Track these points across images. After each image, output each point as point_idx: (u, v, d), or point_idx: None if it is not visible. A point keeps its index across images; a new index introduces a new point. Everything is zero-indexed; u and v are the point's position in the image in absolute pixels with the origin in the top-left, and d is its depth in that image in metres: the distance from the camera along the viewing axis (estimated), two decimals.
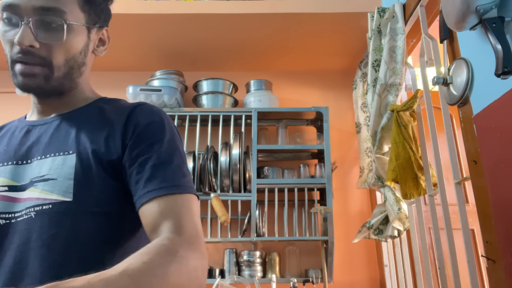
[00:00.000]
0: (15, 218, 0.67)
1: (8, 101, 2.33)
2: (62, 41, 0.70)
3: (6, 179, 0.70)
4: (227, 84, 2.16)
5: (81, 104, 0.79)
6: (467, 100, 1.14)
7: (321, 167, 1.99)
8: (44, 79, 0.71)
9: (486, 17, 0.93)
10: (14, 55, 0.70)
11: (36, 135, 0.75)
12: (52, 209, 0.66)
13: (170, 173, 0.68)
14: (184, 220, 0.64)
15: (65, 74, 0.73)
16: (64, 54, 0.72)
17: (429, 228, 1.71)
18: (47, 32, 0.69)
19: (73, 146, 0.70)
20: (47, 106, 0.79)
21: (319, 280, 1.87)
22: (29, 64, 0.69)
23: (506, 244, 0.96)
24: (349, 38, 2.07)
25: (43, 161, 0.70)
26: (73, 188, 0.67)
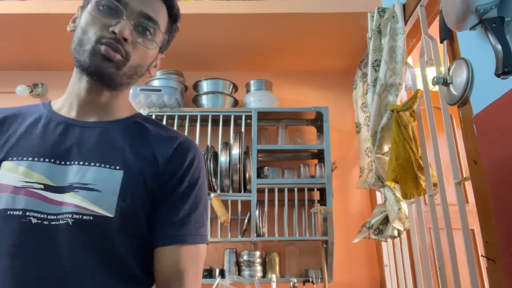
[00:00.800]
0: (48, 220, 0.66)
1: (8, 101, 2.33)
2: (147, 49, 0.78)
3: (42, 177, 0.69)
4: (227, 84, 2.16)
5: (121, 114, 0.82)
6: (467, 100, 1.14)
7: (321, 167, 1.99)
8: (116, 68, 0.74)
9: (486, 17, 0.93)
10: (102, 38, 0.72)
11: (76, 137, 0.74)
12: (93, 221, 0.66)
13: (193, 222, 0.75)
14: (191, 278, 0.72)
15: (130, 75, 0.78)
16: (140, 59, 0.78)
17: (429, 228, 1.71)
18: (140, 35, 0.77)
19: (120, 162, 0.72)
20: (91, 105, 0.78)
21: (319, 280, 1.87)
22: (115, 51, 0.73)
23: (506, 244, 0.96)
24: (349, 38, 2.07)
25: (86, 168, 0.70)
26: (117, 204, 0.68)
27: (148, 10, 0.77)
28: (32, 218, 0.65)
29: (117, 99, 0.81)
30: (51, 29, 1.99)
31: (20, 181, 0.67)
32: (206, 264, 2.02)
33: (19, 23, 1.96)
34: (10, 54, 2.23)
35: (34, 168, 0.69)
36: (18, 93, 2.25)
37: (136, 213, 0.71)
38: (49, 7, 1.88)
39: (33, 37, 2.07)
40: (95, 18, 0.74)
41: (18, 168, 0.69)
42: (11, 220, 0.65)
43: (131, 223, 0.70)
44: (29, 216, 0.65)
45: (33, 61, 2.31)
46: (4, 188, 0.67)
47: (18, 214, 0.65)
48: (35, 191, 0.67)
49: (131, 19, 0.74)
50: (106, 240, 0.67)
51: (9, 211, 0.65)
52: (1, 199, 0.66)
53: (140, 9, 0.75)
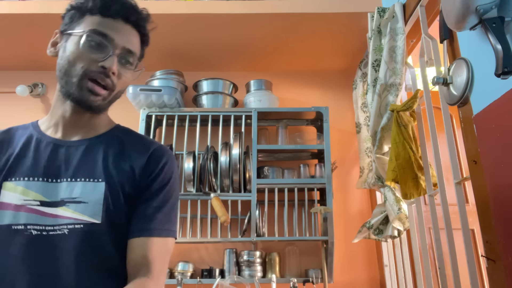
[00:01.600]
0: (46, 231, 0.77)
1: (8, 101, 2.33)
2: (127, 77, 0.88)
3: (38, 194, 0.80)
4: (227, 84, 2.16)
5: (102, 129, 0.91)
6: (467, 100, 1.14)
7: (321, 167, 1.99)
8: (102, 100, 0.84)
9: (486, 17, 0.93)
10: (91, 73, 0.81)
11: (64, 156, 0.85)
12: (83, 228, 0.79)
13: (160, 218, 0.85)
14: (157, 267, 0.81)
15: (112, 100, 0.88)
16: (121, 86, 0.87)
17: (429, 228, 1.71)
18: (123, 66, 0.86)
19: (102, 175, 0.83)
20: (75, 125, 0.88)
21: (319, 280, 1.87)
22: (101, 85, 0.82)
23: (506, 244, 0.96)
24: (349, 38, 2.07)
25: (74, 184, 0.82)
26: (102, 212, 0.80)
27: (129, 45, 0.86)
28: (32, 230, 0.77)
29: (99, 118, 0.91)
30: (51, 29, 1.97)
31: (20, 199, 0.79)
32: (206, 264, 2.02)
33: (19, 23, 1.96)
34: (10, 54, 2.23)
35: (30, 187, 0.80)
36: (18, 93, 2.25)
37: (118, 216, 0.82)
38: (49, 7, 1.88)
39: (33, 37, 2.06)
40: (83, 53, 0.81)
41: (17, 187, 0.80)
42: (15, 234, 0.77)
43: (115, 224, 0.81)
44: (30, 229, 0.77)
45: (33, 61, 2.31)
46: (7, 206, 0.79)
47: (21, 228, 0.77)
48: (33, 207, 0.79)
49: (116, 54, 0.83)
50: (97, 241, 0.79)
51: (14, 226, 0.77)
52: (6, 216, 0.78)
53: (123, 45, 0.84)
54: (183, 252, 2.04)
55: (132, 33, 0.88)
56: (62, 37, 0.87)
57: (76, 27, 0.85)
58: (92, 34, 0.82)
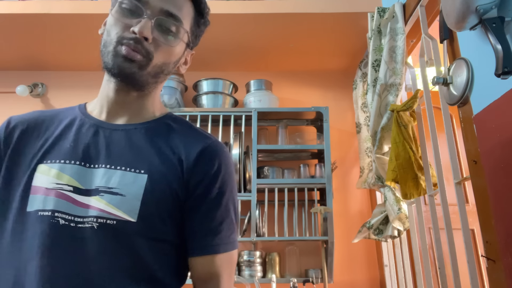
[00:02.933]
0: (74, 222, 0.67)
1: (8, 101, 2.33)
2: (170, 46, 0.77)
3: (72, 179, 0.70)
4: (227, 84, 2.15)
5: (150, 115, 0.81)
6: (467, 100, 1.14)
7: (321, 167, 1.99)
8: (138, 68, 0.74)
9: (486, 17, 0.93)
10: (123, 39, 0.73)
11: (105, 140, 0.75)
12: (116, 225, 0.67)
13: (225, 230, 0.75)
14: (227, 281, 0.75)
15: (155, 74, 0.77)
16: (164, 57, 0.77)
17: (429, 228, 1.71)
18: (162, 33, 0.75)
19: (145, 166, 0.72)
20: (120, 106, 0.79)
21: (319, 280, 1.87)
22: (135, 51, 0.72)
23: (506, 244, 0.96)
24: (349, 38, 2.07)
25: (112, 172, 0.71)
26: (139, 209, 0.69)
27: (170, 7, 0.75)
28: (60, 219, 0.67)
29: (146, 99, 0.81)
30: (51, 29, 1.99)
31: (52, 183, 0.70)
32: None
33: (19, 23, 1.96)
34: (10, 54, 2.23)
35: (65, 170, 0.71)
36: (18, 93, 2.25)
37: (160, 218, 0.71)
38: (49, 7, 1.88)
39: (33, 37, 2.06)
40: (117, 19, 0.74)
41: (51, 170, 0.71)
42: (41, 221, 0.67)
43: (154, 227, 0.70)
44: (57, 217, 0.67)
45: (33, 61, 2.31)
46: (38, 190, 0.70)
47: (48, 214, 0.67)
48: (64, 193, 0.69)
49: (151, 17, 0.74)
50: (128, 243, 0.68)
51: (40, 211, 0.67)
52: (35, 201, 0.69)
53: (161, 7, 0.75)
54: None
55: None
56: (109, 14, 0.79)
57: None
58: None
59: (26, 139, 0.76)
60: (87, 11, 1.89)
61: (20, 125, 0.78)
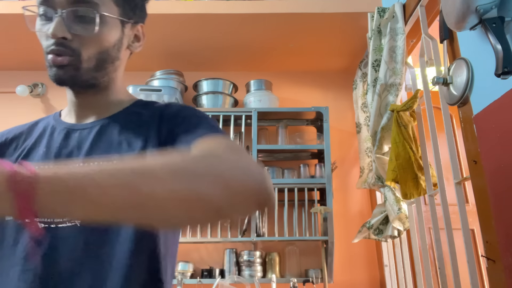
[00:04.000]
0: (54, 223, 0.67)
1: (8, 101, 2.33)
2: (93, 33, 0.70)
3: None
4: (227, 84, 2.16)
5: (118, 107, 0.79)
6: (467, 100, 1.14)
7: (321, 167, 1.99)
8: (74, 70, 0.71)
9: (486, 17, 0.93)
10: (47, 48, 0.71)
11: (76, 140, 0.75)
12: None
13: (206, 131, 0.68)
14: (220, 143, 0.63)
15: (97, 66, 0.73)
16: (96, 47, 0.72)
17: (429, 228, 1.71)
18: (79, 24, 0.70)
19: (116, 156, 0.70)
20: (85, 107, 0.78)
21: (319, 280, 1.87)
22: (60, 55, 0.70)
23: (506, 244, 0.96)
24: (349, 38, 2.07)
25: None
26: None
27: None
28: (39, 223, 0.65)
29: (106, 93, 0.79)
30: None
31: None
32: (206, 264, 2.02)
33: (19, 23, 1.96)
34: (10, 54, 2.23)
35: None
36: (18, 93, 2.25)
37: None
38: None
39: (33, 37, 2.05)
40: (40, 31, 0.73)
41: None
42: (21, 228, 0.67)
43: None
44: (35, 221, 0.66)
45: (33, 61, 2.31)
46: None
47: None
48: None
49: (61, 13, 0.69)
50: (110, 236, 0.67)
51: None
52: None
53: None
54: (183, 252, 2.04)
55: None
56: None
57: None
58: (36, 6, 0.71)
59: (4, 152, 0.77)
60: None
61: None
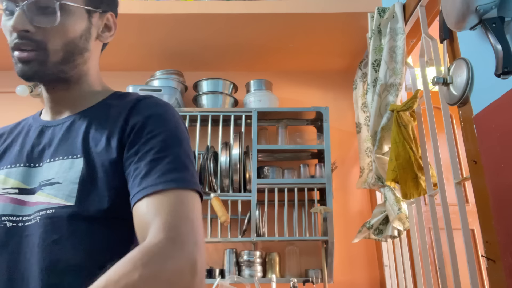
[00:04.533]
0: (22, 222, 0.66)
1: (8, 101, 2.33)
2: (55, 24, 0.68)
3: (17, 181, 0.69)
4: (227, 84, 2.16)
5: (92, 100, 0.76)
6: (467, 100, 1.14)
7: (321, 167, 1.99)
8: (39, 64, 0.69)
9: (486, 17, 0.93)
10: (11, 42, 0.69)
11: (48, 137, 0.73)
12: (55, 213, 0.64)
13: (168, 166, 0.63)
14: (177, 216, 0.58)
15: (64, 59, 0.71)
16: (61, 38, 0.69)
17: (429, 228, 1.71)
18: (42, 15, 0.68)
19: (80, 149, 0.68)
20: (58, 103, 0.77)
21: (319, 280, 1.87)
22: (25, 50, 0.68)
23: (506, 244, 0.96)
24: (349, 38, 2.07)
25: (52, 164, 0.69)
26: (77, 192, 0.65)
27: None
28: (7, 222, 0.66)
29: (78, 87, 0.76)
30: None
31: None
32: (206, 264, 2.01)
33: None
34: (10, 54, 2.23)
35: (11, 174, 0.70)
36: (18, 93, 2.24)
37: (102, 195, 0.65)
38: None
39: None
40: (4, 27, 0.71)
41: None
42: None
43: (94, 208, 0.64)
44: (4, 221, 0.66)
45: None
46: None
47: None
48: (9, 196, 0.68)
49: (22, 5, 0.67)
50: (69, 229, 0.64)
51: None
52: None
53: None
54: None
55: None
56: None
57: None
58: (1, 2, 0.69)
59: None
60: None
61: None
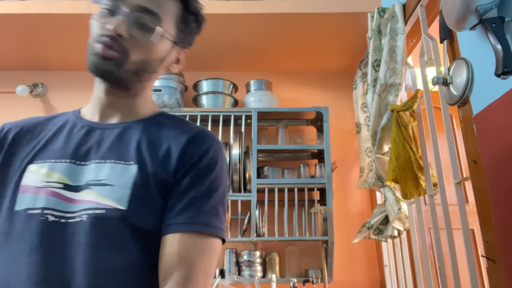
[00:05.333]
0: (65, 218, 0.67)
1: (8, 101, 2.33)
2: (148, 41, 0.74)
3: (62, 176, 0.70)
4: (227, 84, 2.16)
5: (142, 114, 0.81)
6: (467, 100, 1.14)
7: (321, 167, 1.99)
8: (115, 65, 0.73)
9: (486, 17, 0.93)
10: (99, 37, 0.73)
11: (96, 138, 0.76)
12: (106, 214, 0.66)
13: (206, 209, 0.70)
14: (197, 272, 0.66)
15: (135, 71, 0.75)
16: (143, 54, 0.75)
17: (429, 228, 1.71)
18: (139, 29, 0.74)
19: (134, 157, 0.72)
20: (111, 107, 0.79)
21: (319, 280, 1.87)
22: (110, 48, 0.72)
23: (506, 244, 0.96)
24: (349, 38, 2.07)
25: (102, 166, 0.71)
26: (129, 197, 0.68)
27: (147, 3, 0.74)
28: (49, 216, 0.66)
29: (135, 99, 0.80)
30: (51, 29, 1.99)
31: (41, 181, 0.70)
32: None
33: (19, 23, 1.96)
34: (10, 54, 2.23)
35: (55, 168, 0.71)
36: (18, 93, 2.25)
37: (147, 206, 0.69)
38: (49, 7, 1.88)
39: (33, 37, 2.06)
40: (98, 19, 0.74)
41: (41, 169, 0.71)
42: (30, 219, 0.67)
43: (142, 215, 0.68)
44: (46, 214, 0.67)
45: (33, 61, 2.31)
46: (27, 189, 0.70)
47: (37, 212, 0.67)
48: (54, 190, 0.69)
49: (126, 13, 0.72)
50: (118, 232, 0.67)
51: (29, 210, 0.67)
52: (24, 200, 0.69)
53: (137, 3, 0.73)
54: None
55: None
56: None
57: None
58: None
59: (18, 141, 0.77)
60: (87, 11, 1.89)
61: (14, 129, 0.79)
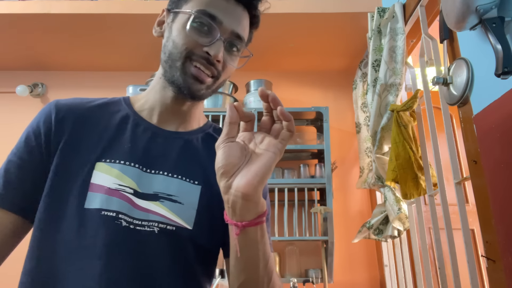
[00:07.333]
0: (134, 225, 0.68)
1: (8, 101, 2.33)
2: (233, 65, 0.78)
3: (133, 182, 0.71)
4: (227, 84, 2.16)
5: (196, 123, 0.83)
6: (467, 100, 1.14)
7: (321, 167, 1.99)
8: (206, 88, 0.75)
9: (486, 17, 0.93)
10: (194, 56, 0.73)
11: (162, 146, 0.77)
12: (175, 231, 0.70)
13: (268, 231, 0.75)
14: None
15: (214, 90, 0.78)
16: (227, 75, 0.78)
17: (429, 228, 1.71)
18: (231, 55, 0.77)
19: (199, 177, 0.75)
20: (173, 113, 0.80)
21: (319, 280, 1.87)
22: (206, 73, 0.73)
23: (506, 244, 0.96)
24: (349, 38, 2.07)
25: (170, 180, 0.73)
26: (195, 218, 0.72)
27: (239, 29, 0.76)
28: (122, 221, 0.68)
29: (197, 108, 0.83)
30: (51, 29, 1.99)
31: (114, 183, 0.70)
32: None
33: (19, 23, 1.96)
34: (10, 54, 2.23)
35: (126, 172, 0.71)
36: (18, 93, 2.25)
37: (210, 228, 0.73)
38: (49, 7, 1.88)
39: (33, 37, 2.06)
40: (189, 36, 0.73)
41: (112, 170, 0.71)
42: (105, 221, 0.67)
43: (204, 236, 0.73)
44: (120, 218, 0.68)
45: (33, 61, 2.31)
46: (98, 188, 0.69)
47: (112, 215, 0.67)
48: (126, 195, 0.70)
49: (223, 39, 0.73)
50: (184, 249, 0.71)
51: (104, 211, 0.67)
52: (96, 199, 0.68)
53: (232, 29, 0.74)
54: None
55: (243, 15, 0.77)
56: (168, 16, 0.78)
57: (184, 5, 0.75)
58: (200, 15, 0.72)
59: (80, 131, 0.74)
60: (87, 11, 1.89)
61: (71, 115, 0.75)
